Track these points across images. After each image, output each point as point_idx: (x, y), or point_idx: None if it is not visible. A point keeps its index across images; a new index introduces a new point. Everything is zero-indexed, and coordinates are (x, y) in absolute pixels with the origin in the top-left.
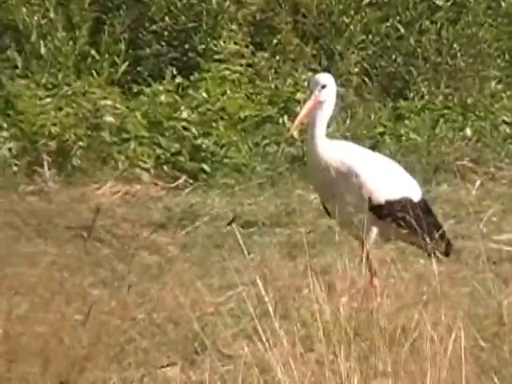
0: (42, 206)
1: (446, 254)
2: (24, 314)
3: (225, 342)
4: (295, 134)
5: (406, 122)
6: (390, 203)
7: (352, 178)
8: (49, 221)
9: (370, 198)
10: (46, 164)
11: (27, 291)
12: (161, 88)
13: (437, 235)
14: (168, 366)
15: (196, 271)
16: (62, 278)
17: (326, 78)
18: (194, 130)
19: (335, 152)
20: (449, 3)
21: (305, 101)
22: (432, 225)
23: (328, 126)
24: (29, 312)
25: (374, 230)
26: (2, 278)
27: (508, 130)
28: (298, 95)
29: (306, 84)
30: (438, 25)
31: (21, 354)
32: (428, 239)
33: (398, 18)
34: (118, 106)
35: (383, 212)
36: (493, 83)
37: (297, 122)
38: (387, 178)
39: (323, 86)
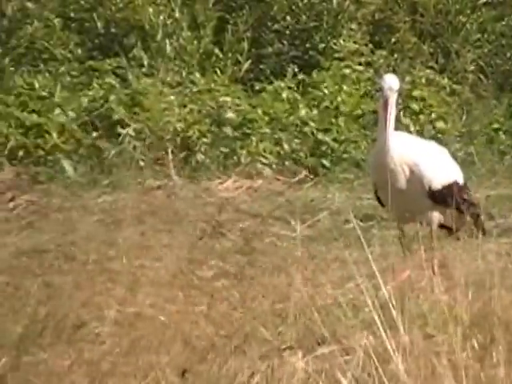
0: (167, 200)
1: (483, 232)
2: (149, 306)
3: (344, 332)
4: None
5: None
6: (445, 188)
7: (415, 170)
8: (174, 215)
9: (429, 186)
10: (171, 159)
11: (153, 283)
12: (282, 85)
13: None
14: (290, 355)
15: (317, 263)
16: (187, 270)
17: (397, 83)
18: (313, 126)
19: (401, 148)
20: None
21: (385, 103)
22: (472, 204)
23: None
24: (154, 304)
25: (435, 214)
26: (127, 271)
27: None
28: (416, 92)
29: (423, 81)
30: None
31: (144, 344)
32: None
33: None
34: (240, 102)
35: (440, 197)
36: None
37: (388, 132)
38: (442, 166)
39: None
